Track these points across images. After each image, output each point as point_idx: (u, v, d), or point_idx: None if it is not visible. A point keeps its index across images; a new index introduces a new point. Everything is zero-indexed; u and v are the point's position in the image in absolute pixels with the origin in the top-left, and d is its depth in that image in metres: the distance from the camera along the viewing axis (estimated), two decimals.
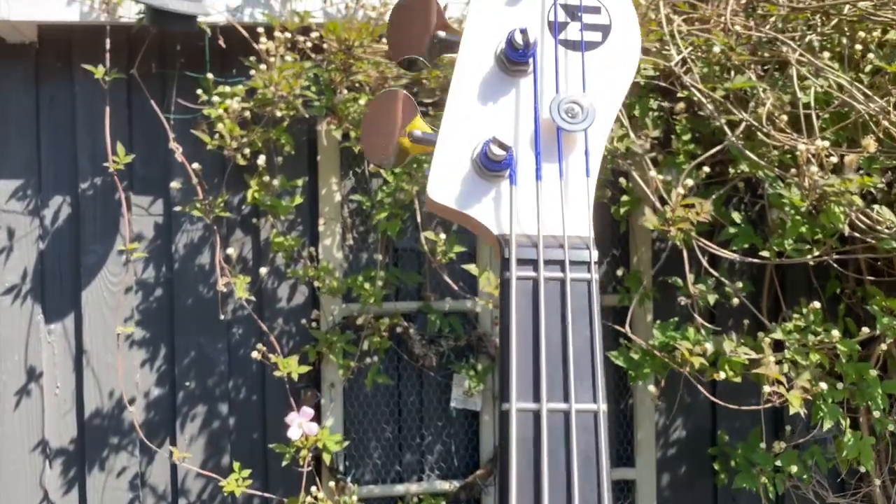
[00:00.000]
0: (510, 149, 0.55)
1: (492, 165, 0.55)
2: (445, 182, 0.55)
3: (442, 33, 0.59)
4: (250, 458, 2.46)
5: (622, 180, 2.12)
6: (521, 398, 0.49)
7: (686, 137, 1.98)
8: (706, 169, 1.78)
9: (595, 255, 0.54)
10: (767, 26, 1.77)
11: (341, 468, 2.47)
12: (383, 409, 2.53)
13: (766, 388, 1.55)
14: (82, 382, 2.43)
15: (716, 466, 2.49)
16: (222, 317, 2.27)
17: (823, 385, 1.53)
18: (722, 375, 1.63)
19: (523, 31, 0.56)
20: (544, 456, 0.48)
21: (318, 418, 2.44)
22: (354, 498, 2.34)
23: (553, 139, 0.57)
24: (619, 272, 2.18)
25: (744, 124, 1.72)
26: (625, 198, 2.14)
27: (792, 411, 1.57)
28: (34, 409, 2.42)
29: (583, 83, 0.58)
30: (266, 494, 2.40)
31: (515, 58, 0.57)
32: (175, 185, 2.20)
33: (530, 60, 0.58)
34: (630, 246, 2.40)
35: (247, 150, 2.18)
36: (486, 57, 0.59)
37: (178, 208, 2.30)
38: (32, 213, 2.42)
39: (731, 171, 1.87)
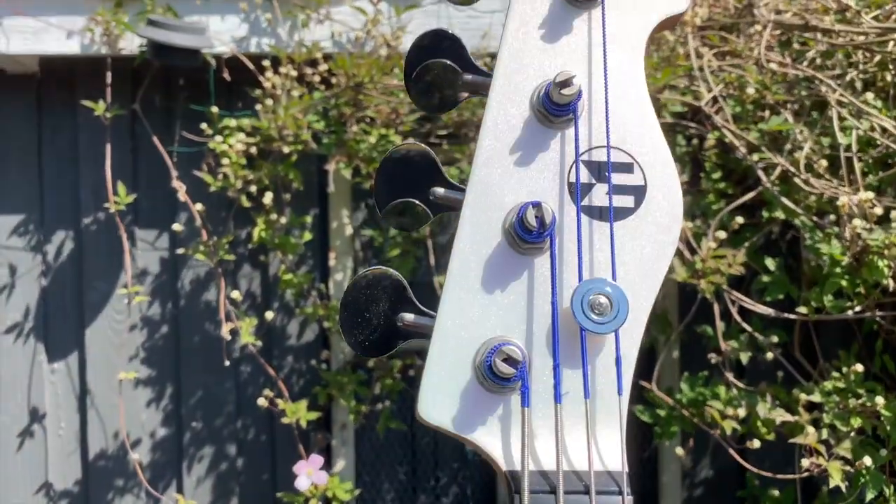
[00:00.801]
0: (522, 364, 0.44)
1: (499, 381, 0.45)
2: (440, 395, 0.45)
3: (441, 190, 0.49)
4: (260, 500, 2.38)
5: None
6: None
7: (716, 176, 1.86)
8: (739, 219, 1.66)
9: (630, 501, 0.43)
10: (805, 62, 1.65)
11: None
12: (397, 450, 2.44)
13: (805, 462, 1.44)
14: (86, 423, 2.35)
15: None
16: (227, 363, 2.18)
17: (868, 460, 1.42)
18: (756, 444, 1.52)
19: (536, 207, 0.45)
20: None
21: (328, 460, 2.35)
22: None
23: (575, 340, 0.46)
24: None
25: (779, 168, 1.61)
26: None
27: (832, 484, 1.45)
28: (38, 450, 2.35)
29: (612, 266, 0.47)
30: None
31: (528, 238, 0.47)
32: (177, 227, 2.11)
33: (547, 239, 0.47)
34: None
35: (253, 188, 2.09)
36: (493, 229, 0.48)
37: (181, 251, 2.21)
38: (34, 249, 2.34)
39: (765, 213, 1.74)
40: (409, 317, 0.47)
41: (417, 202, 0.50)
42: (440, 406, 0.46)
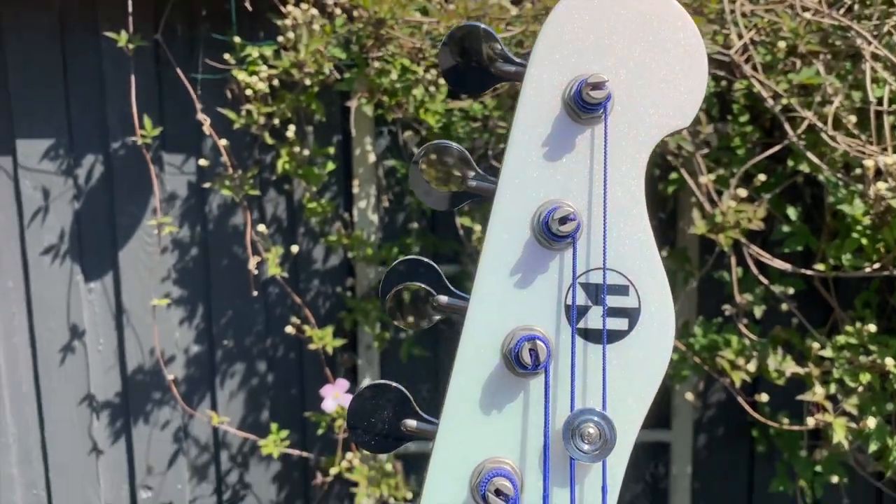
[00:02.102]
0: (513, 498, 0.47)
1: None
2: None
3: (444, 298, 0.51)
4: (289, 414, 2.50)
5: (670, 157, 2.00)
6: None
7: (743, 119, 1.83)
8: (762, 177, 1.65)
9: None
10: (842, 10, 1.58)
11: None
12: (420, 371, 2.53)
13: (810, 420, 1.49)
14: (123, 340, 2.46)
15: (754, 433, 2.46)
16: (255, 293, 2.25)
17: (872, 422, 1.46)
18: (765, 398, 1.57)
19: (531, 342, 0.47)
20: None
21: (354, 379, 2.46)
22: (390, 461, 2.38)
23: (565, 465, 0.49)
24: (664, 252, 2.09)
25: (807, 122, 1.58)
26: (673, 175, 2.01)
27: (835, 440, 1.51)
28: (79, 364, 2.48)
29: (603, 393, 0.50)
30: (304, 454, 2.45)
31: (523, 370, 0.49)
32: (203, 162, 2.13)
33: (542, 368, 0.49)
34: (678, 219, 2.28)
35: (275, 121, 2.09)
36: (491, 351, 0.50)
37: (207, 185, 2.24)
38: (66, 173, 2.39)
39: (791, 163, 1.73)
40: (411, 423, 0.51)
41: (425, 287, 0.52)
42: None
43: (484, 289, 0.50)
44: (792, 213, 1.75)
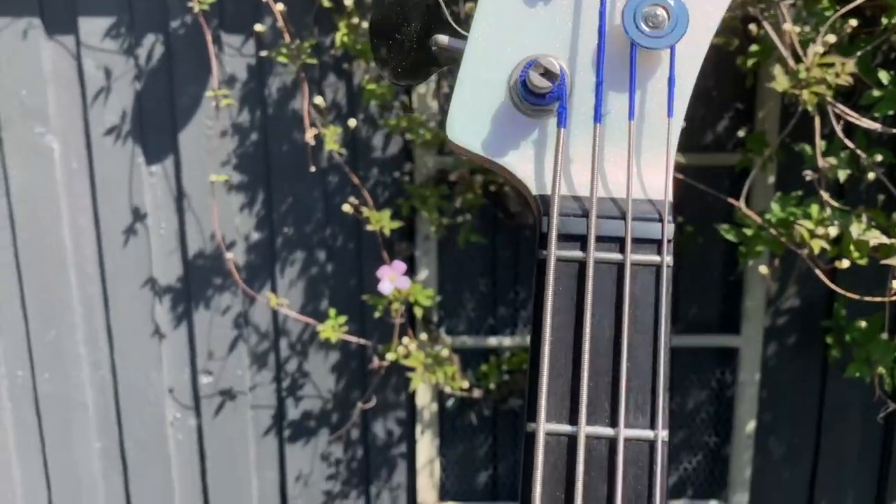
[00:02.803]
0: (560, 76, 0.40)
1: (533, 99, 0.41)
2: (470, 116, 0.41)
3: (445, 39, 0.43)
4: (347, 303, 2.48)
5: (752, 27, 1.86)
6: (552, 417, 0.38)
7: None
8: (853, 22, 1.51)
9: (671, 229, 0.39)
10: None
11: (434, 318, 2.47)
12: (477, 262, 2.47)
13: (895, 284, 1.38)
14: (184, 224, 2.47)
15: (828, 340, 2.35)
16: (313, 169, 2.21)
17: None
18: (846, 264, 1.45)
19: None
20: (578, 495, 0.37)
21: (411, 269, 2.42)
22: (446, 349, 2.34)
23: (625, 59, 0.41)
24: (741, 132, 1.96)
25: None
26: (754, 47, 1.88)
27: None
28: (142, 247, 2.49)
29: None
30: (362, 341, 2.43)
31: None
32: (259, 27, 2.09)
33: None
34: (756, 101, 2.14)
35: None
36: None
37: (264, 53, 2.19)
38: (127, 53, 2.37)
39: (884, 20, 1.58)
40: (443, 39, 0.44)
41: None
42: (470, 128, 0.43)
43: None
44: (884, 76, 1.61)
